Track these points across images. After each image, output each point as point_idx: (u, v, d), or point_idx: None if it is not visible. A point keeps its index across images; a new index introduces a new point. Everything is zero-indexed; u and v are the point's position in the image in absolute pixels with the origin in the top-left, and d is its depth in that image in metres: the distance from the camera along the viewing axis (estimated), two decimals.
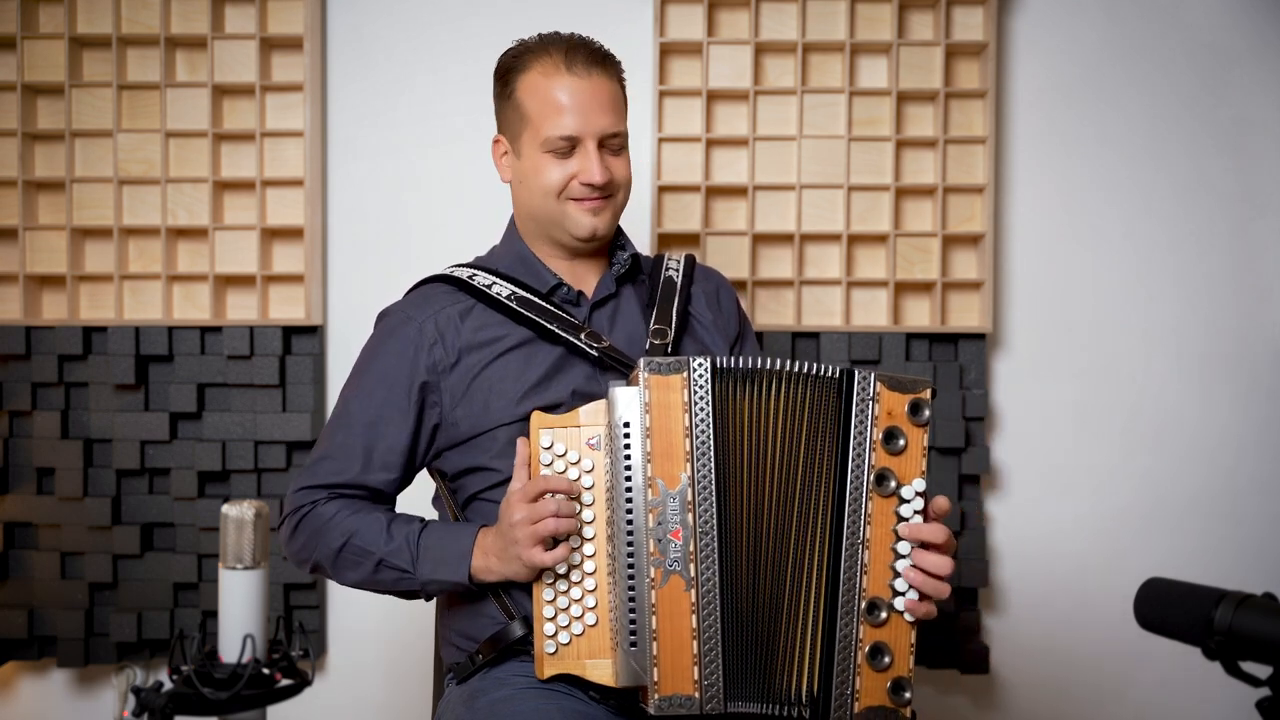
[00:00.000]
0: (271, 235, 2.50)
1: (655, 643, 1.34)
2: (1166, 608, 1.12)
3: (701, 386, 1.38)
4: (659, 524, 1.36)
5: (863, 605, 1.39)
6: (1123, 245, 2.57)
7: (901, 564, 1.40)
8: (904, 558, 1.40)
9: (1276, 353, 2.57)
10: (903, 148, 2.49)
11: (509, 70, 1.63)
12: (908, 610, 1.40)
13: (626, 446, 1.37)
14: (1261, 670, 1.03)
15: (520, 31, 1.69)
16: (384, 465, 1.58)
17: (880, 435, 1.40)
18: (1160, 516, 2.57)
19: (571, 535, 1.40)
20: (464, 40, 2.51)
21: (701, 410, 1.38)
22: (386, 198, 2.53)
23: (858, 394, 1.40)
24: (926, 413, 1.41)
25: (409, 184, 2.53)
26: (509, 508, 1.41)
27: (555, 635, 1.41)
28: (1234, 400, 2.57)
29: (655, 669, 1.34)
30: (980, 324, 2.47)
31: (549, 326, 1.57)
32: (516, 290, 1.61)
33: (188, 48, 2.50)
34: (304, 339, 2.48)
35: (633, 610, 1.36)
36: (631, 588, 1.36)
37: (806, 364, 1.42)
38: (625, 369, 1.54)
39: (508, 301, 1.59)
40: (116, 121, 2.45)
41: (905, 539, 1.40)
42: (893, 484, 1.40)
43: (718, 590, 1.37)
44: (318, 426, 2.46)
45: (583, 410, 1.43)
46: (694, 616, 1.35)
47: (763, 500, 1.41)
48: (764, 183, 2.47)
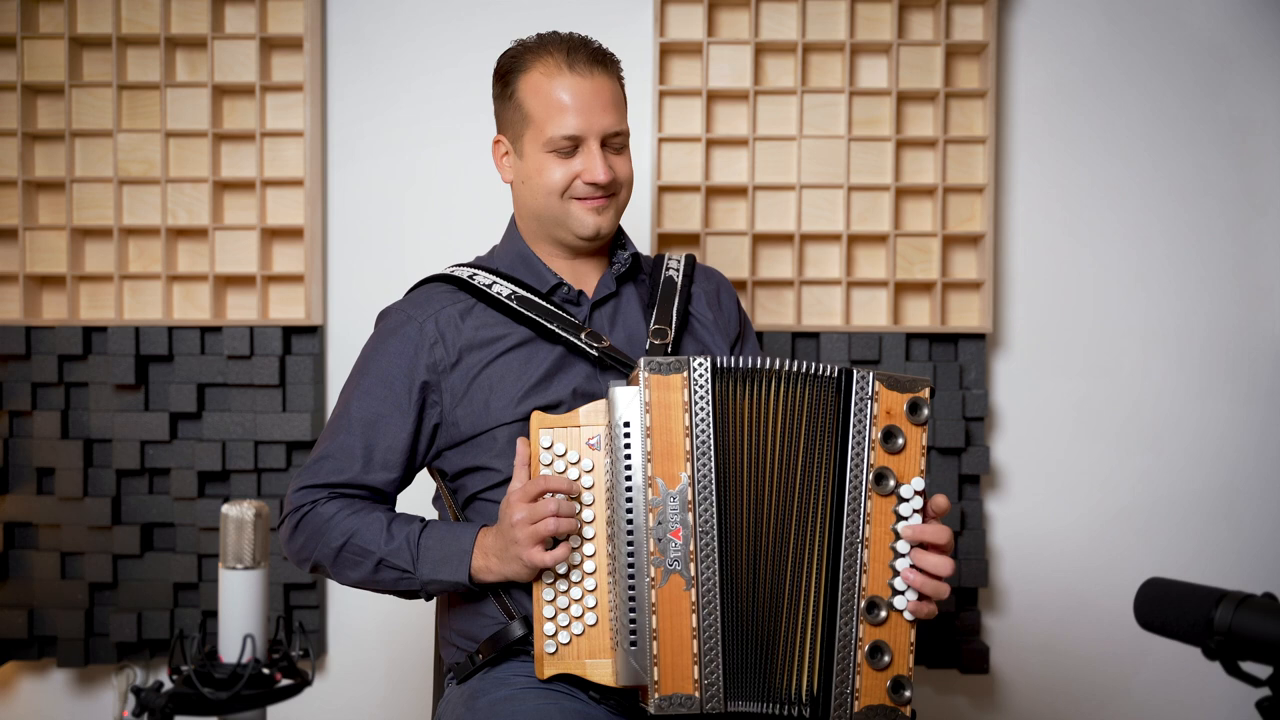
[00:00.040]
0: (271, 235, 2.50)
1: (655, 642, 1.35)
2: (1166, 608, 1.12)
3: (702, 386, 1.38)
4: (659, 523, 1.36)
5: (862, 604, 1.39)
6: (1123, 245, 2.57)
7: (901, 563, 1.40)
8: (903, 557, 1.40)
9: (1277, 353, 2.57)
10: (903, 148, 2.49)
11: (509, 70, 1.62)
12: (908, 609, 1.40)
13: (627, 446, 1.37)
14: (1261, 670, 1.03)
15: (520, 31, 1.69)
16: (384, 465, 1.58)
17: (879, 434, 1.40)
18: (1160, 516, 2.57)
19: (571, 535, 1.40)
20: (464, 40, 2.51)
21: (702, 410, 1.38)
22: (386, 198, 2.53)
23: (856, 393, 1.41)
24: (925, 412, 1.41)
25: (409, 184, 2.53)
26: (509, 507, 1.41)
27: (555, 635, 1.41)
28: (1234, 400, 2.57)
29: (655, 668, 1.34)
30: (980, 324, 2.47)
31: (549, 326, 1.57)
32: (517, 290, 1.61)
33: (188, 48, 2.50)
34: (304, 339, 2.48)
35: (633, 610, 1.36)
36: (631, 587, 1.37)
37: (806, 363, 1.42)
38: (625, 369, 1.54)
39: (508, 301, 1.59)
40: (116, 121, 2.45)
41: (907, 540, 1.40)
42: (891, 483, 1.40)
43: (718, 589, 1.37)
44: (318, 426, 2.46)
45: (583, 410, 1.43)
46: (694, 616, 1.35)
47: (762, 499, 1.41)
48: (764, 183, 2.47)
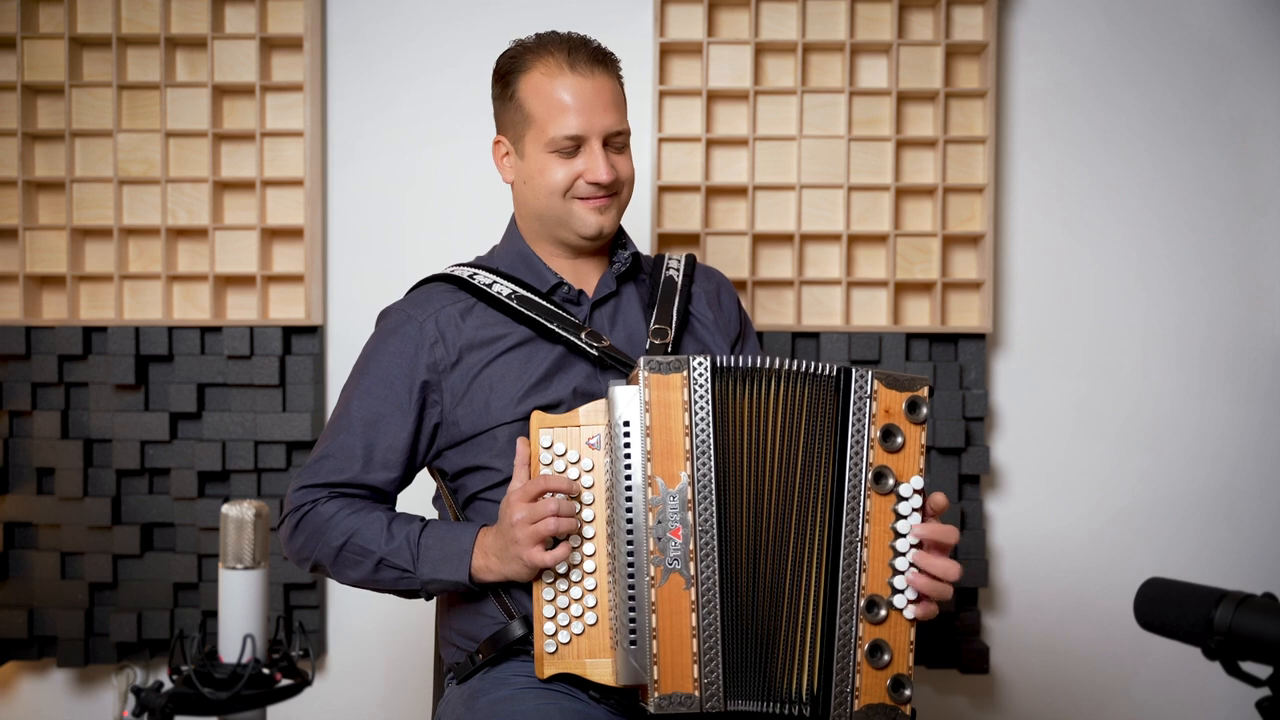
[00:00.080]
0: (271, 235, 2.50)
1: (655, 641, 1.34)
2: (1166, 608, 1.12)
3: (701, 385, 1.38)
4: (659, 522, 1.36)
5: (862, 603, 1.39)
6: (1123, 245, 2.57)
7: (901, 562, 1.40)
8: (903, 555, 1.40)
9: (1277, 353, 2.57)
10: (903, 148, 2.49)
11: (509, 71, 1.62)
12: (908, 609, 1.40)
13: (626, 445, 1.37)
14: (1261, 670, 1.03)
15: (520, 31, 1.69)
16: (384, 464, 1.58)
17: (878, 433, 1.40)
18: (1160, 516, 2.57)
19: (571, 534, 1.40)
20: (464, 40, 2.51)
21: (701, 409, 1.38)
22: (386, 198, 2.53)
23: (855, 392, 1.40)
24: (924, 411, 1.41)
25: (409, 184, 2.53)
26: (509, 507, 1.41)
27: (555, 634, 1.41)
28: (1234, 400, 2.57)
29: (655, 667, 1.34)
30: (980, 324, 2.47)
31: (549, 325, 1.57)
32: (517, 289, 1.61)
33: (188, 48, 2.50)
34: (304, 339, 2.48)
35: (633, 609, 1.36)
36: (631, 586, 1.36)
37: (805, 363, 1.42)
38: (625, 368, 1.54)
39: (508, 300, 1.59)
40: (116, 121, 2.45)
41: (917, 538, 1.40)
42: (891, 482, 1.40)
43: (718, 588, 1.37)
44: (318, 426, 2.46)
45: (583, 410, 1.43)
46: (694, 615, 1.35)
47: (762, 498, 1.41)
48: (764, 183, 2.47)
